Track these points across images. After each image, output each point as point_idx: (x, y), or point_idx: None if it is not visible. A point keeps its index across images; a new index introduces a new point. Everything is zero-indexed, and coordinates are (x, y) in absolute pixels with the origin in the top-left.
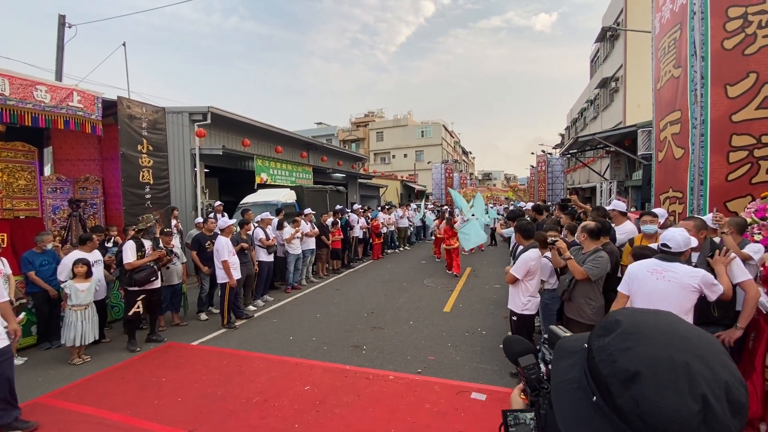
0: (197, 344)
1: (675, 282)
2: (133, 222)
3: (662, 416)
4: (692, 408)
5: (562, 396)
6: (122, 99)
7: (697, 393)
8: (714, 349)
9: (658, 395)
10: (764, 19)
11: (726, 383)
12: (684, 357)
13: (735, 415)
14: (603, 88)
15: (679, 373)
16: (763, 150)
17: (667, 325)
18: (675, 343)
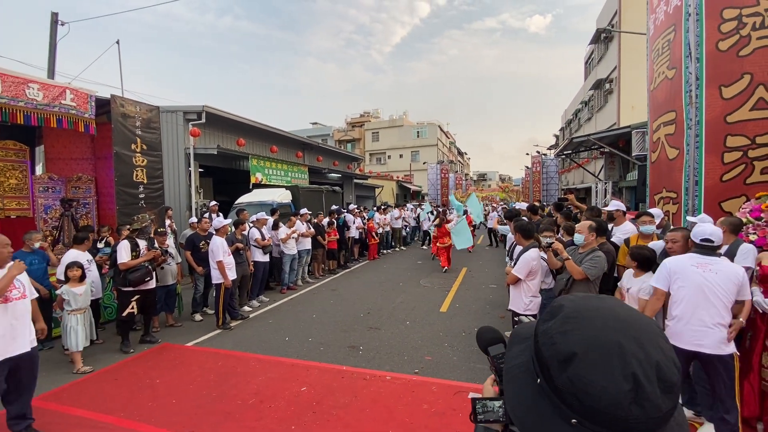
0: (192, 345)
1: (723, 274)
2: (127, 222)
3: (595, 395)
4: (623, 387)
5: (512, 380)
6: (116, 97)
7: (628, 372)
8: (650, 332)
9: (591, 375)
10: (758, 20)
11: (657, 363)
12: (618, 338)
13: (666, 394)
14: (597, 90)
15: (611, 353)
16: (757, 151)
17: (608, 309)
18: (612, 325)
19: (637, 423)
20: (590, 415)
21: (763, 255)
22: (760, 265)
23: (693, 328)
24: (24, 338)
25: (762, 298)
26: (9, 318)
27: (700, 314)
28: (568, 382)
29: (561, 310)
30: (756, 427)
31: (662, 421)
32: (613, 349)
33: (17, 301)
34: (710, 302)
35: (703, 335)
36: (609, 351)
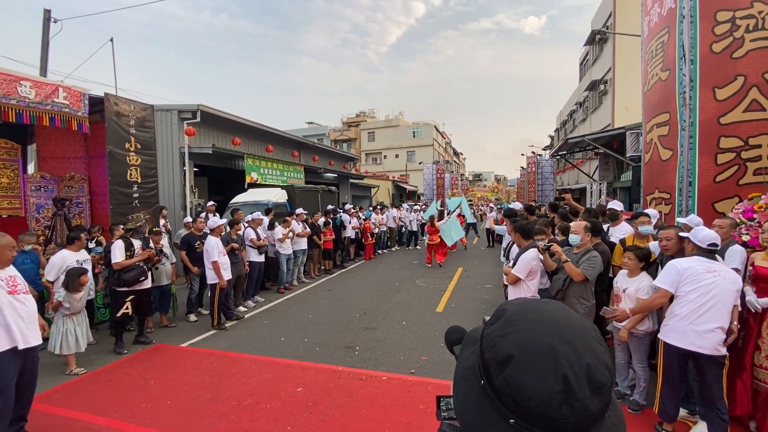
0: (186, 346)
1: (729, 281)
2: (121, 221)
3: (527, 395)
4: (553, 387)
5: (461, 381)
6: (109, 96)
7: (559, 374)
8: (585, 336)
9: (525, 376)
10: (752, 23)
11: (588, 365)
12: (552, 342)
13: (595, 394)
14: (592, 91)
15: (544, 356)
16: (750, 152)
17: (548, 314)
18: (548, 329)
19: (568, 422)
20: (525, 415)
21: (755, 255)
22: (753, 265)
23: (697, 330)
24: (37, 331)
25: (754, 298)
26: (25, 308)
27: (706, 318)
28: (504, 384)
29: (503, 314)
30: (748, 425)
31: (592, 421)
32: (546, 352)
33: (26, 295)
34: (716, 307)
35: (706, 338)
36: (542, 354)
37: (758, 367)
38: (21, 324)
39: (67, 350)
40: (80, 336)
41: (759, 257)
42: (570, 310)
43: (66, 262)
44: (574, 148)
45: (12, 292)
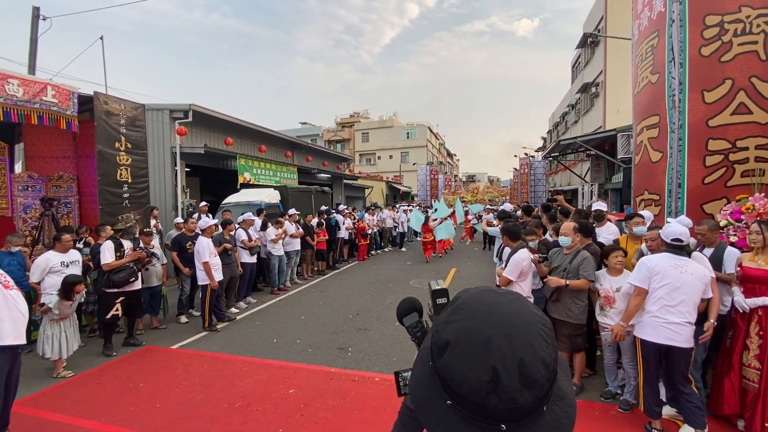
0: (177, 348)
1: (695, 275)
2: (111, 222)
3: (458, 381)
4: (482, 377)
5: (419, 360)
6: (99, 94)
7: (489, 365)
8: (529, 331)
9: (457, 363)
10: (740, 27)
11: (521, 359)
12: (490, 332)
13: (526, 388)
14: (584, 93)
15: (478, 346)
16: (737, 154)
17: (497, 305)
18: (491, 320)
19: (496, 412)
20: (457, 399)
21: (742, 256)
22: (740, 266)
23: (668, 325)
24: (23, 329)
25: (742, 299)
26: (12, 304)
27: (675, 312)
28: (441, 368)
29: (456, 301)
30: (737, 424)
31: (522, 414)
32: (480, 343)
33: (18, 292)
34: (684, 301)
35: (678, 332)
36: (476, 343)
37: (747, 367)
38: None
39: (50, 354)
40: (66, 340)
41: (746, 258)
42: (525, 304)
43: (50, 264)
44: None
45: (6, 287)
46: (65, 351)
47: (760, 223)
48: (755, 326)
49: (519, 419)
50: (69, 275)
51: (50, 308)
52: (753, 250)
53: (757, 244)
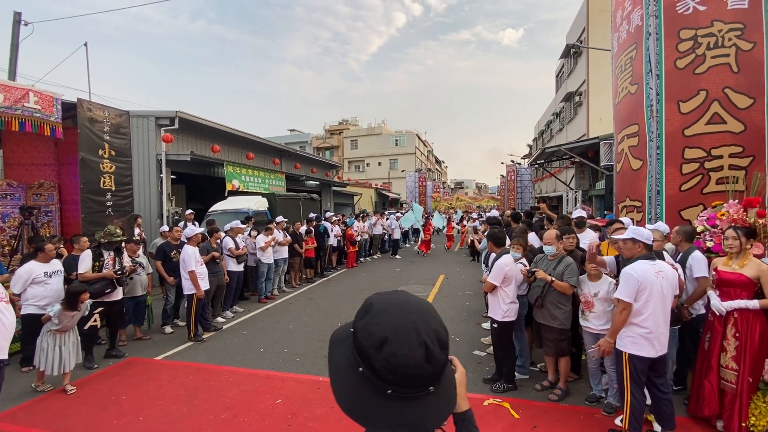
0: (161, 359)
1: (671, 279)
2: (90, 231)
3: (404, 363)
4: (419, 352)
5: (338, 374)
6: (82, 101)
7: (421, 341)
8: (430, 312)
9: (399, 349)
10: (712, 41)
11: (436, 331)
12: (413, 320)
13: (443, 350)
14: (568, 102)
15: (410, 331)
16: (713, 162)
17: (404, 301)
18: (408, 311)
19: (429, 376)
20: (402, 380)
21: (717, 260)
22: (716, 270)
23: (661, 335)
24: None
25: (719, 302)
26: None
27: (662, 322)
28: (384, 361)
29: (372, 307)
30: (716, 425)
31: (441, 373)
32: (411, 328)
33: (7, 304)
34: (667, 309)
35: (665, 339)
36: (408, 330)
37: (724, 368)
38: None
39: (44, 367)
40: (61, 355)
41: (721, 262)
42: (418, 297)
43: (33, 274)
44: (552, 157)
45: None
46: (57, 367)
47: (736, 229)
48: (731, 328)
49: (439, 377)
50: (74, 285)
51: (50, 317)
52: (728, 255)
53: (733, 249)
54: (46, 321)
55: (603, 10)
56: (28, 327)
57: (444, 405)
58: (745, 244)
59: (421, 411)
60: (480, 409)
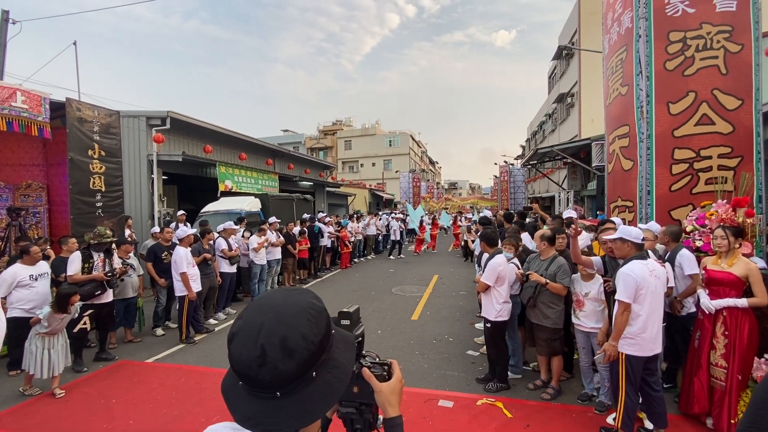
0: (152, 361)
1: (661, 279)
2: (79, 233)
3: (237, 361)
4: (253, 353)
5: None
6: (71, 101)
7: (258, 343)
8: (293, 314)
9: (237, 347)
10: (701, 43)
11: (284, 336)
12: (263, 319)
13: (287, 358)
14: (560, 103)
15: (252, 330)
16: (702, 163)
17: (273, 298)
18: (266, 309)
19: (268, 381)
20: (241, 377)
21: (707, 259)
22: (705, 269)
23: (656, 334)
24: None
25: (708, 300)
26: None
27: (658, 320)
28: (230, 356)
29: (251, 302)
30: (705, 422)
31: (288, 380)
32: (255, 329)
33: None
34: (660, 307)
35: (659, 338)
36: (251, 331)
37: (714, 366)
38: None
39: (33, 371)
40: (50, 359)
41: (710, 261)
42: (301, 296)
43: (17, 277)
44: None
45: None
46: (45, 370)
47: (724, 228)
48: (721, 326)
49: (288, 384)
50: (64, 287)
51: (39, 319)
52: (716, 254)
53: (722, 249)
54: (35, 324)
55: (594, 13)
56: (14, 330)
57: (293, 416)
58: (734, 243)
59: (268, 412)
60: (473, 408)
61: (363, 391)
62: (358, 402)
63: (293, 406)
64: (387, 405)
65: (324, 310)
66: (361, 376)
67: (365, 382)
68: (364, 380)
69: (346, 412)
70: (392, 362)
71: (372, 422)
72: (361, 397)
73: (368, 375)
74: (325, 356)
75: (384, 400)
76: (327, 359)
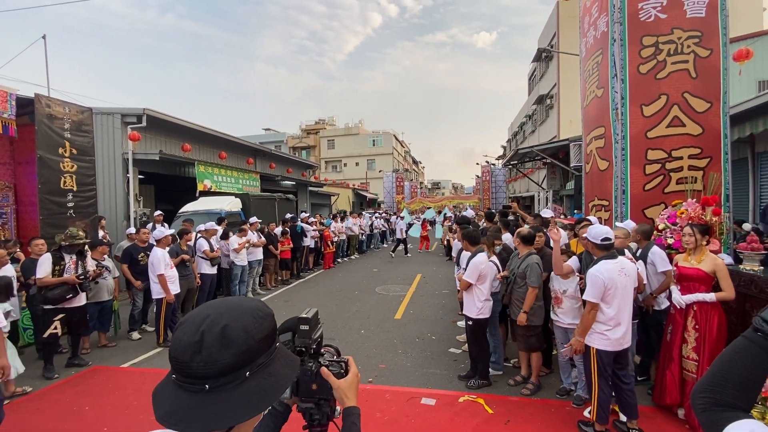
0: (128, 366)
1: (631, 276)
2: (51, 233)
3: (175, 347)
4: (191, 339)
5: None
6: (40, 97)
7: (199, 330)
8: (241, 311)
9: (179, 333)
10: (672, 47)
11: (225, 325)
12: (209, 312)
13: (225, 347)
14: (540, 105)
15: (195, 319)
16: (673, 163)
17: (228, 299)
18: (214, 305)
19: (198, 369)
20: (174, 364)
21: (678, 257)
22: (676, 266)
23: (626, 330)
24: None
25: (679, 296)
26: None
27: (627, 316)
28: (171, 343)
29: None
30: (677, 413)
31: (221, 372)
32: (200, 317)
33: None
34: (629, 304)
35: (629, 333)
36: (196, 318)
37: (686, 359)
38: None
39: None
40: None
41: (681, 258)
42: (250, 300)
43: None
44: (525, 158)
45: None
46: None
47: (692, 226)
48: (692, 320)
49: (219, 376)
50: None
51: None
52: (687, 251)
53: (689, 245)
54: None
55: (572, 16)
56: None
57: (217, 414)
58: (701, 240)
59: (192, 407)
60: (455, 405)
61: (322, 388)
62: (317, 397)
63: (219, 404)
64: (344, 399)
65: (271, 317)
66: (320, 374)
67: (323, 380)
68: (322, 378)
69: (305, 407)
70: (349, 359)
71: (330, 414)
72: (320, 393)
73: (326, 373)
74: (264, 360)
75: (341, 395)
76: (265, 364)
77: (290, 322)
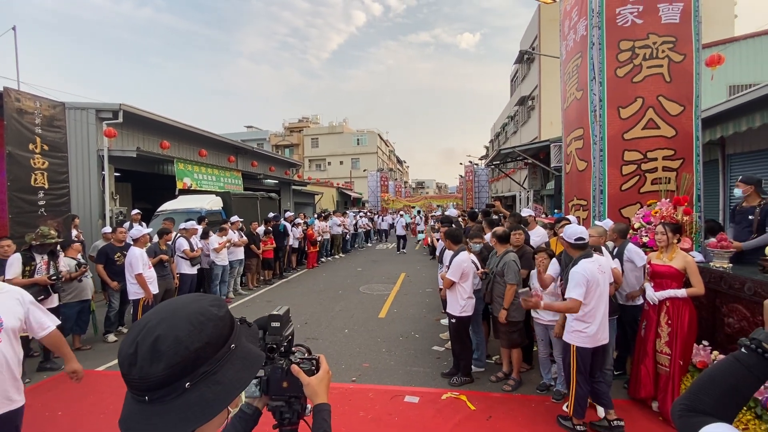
0: (103, 369)
1: (607, 273)
2: (21, 232)
3: (119, 354)
4: (129, 349)
5: None
6: (10, 90)
7: (135, 340)
8: (180, 317)
9: (122, 343)
10: (648, 52)
11: (158, 335)
12: (151, 318)
13: (155, 360)
14: (521, 106)
15: (136, 328)
16: (648, 164)
17: (174, 302)
18: (158, 311)
19: (134, 380)
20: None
21: (651, 254)
22: (650, 264)
23: (604, 327)
24: None
25: (653, 292)
26: None
27: (604, 312)
28: None
29: None
30: (651, 405)
31: (157, 385)
32: (139, 324)
33: None
34: (606, 300)
35: (606, 330)
36: (137, 325)
37: (659, 353)
38: None
39: None
40: None
41: (654, 256)
42: (197, 302)
43: None
44: (507, 158)
45: None
46: None
47: (664, 225)
48: (665, 316)
49: (155, 389)
50: None
51: None
52: (660, 249)
53: (662, 243)
54: None
55: (553, 20)
56: None
57: (161, 426)
58: (672, 238)
59: (139, 417)
60: (438, 402)
61: (292, 386)
62: (287, 395)
63: (157, 417)
64: (315, 396)
65: (219, 319)
66: (290, 371)
67: (294, 377)
68: (293, 375)
69: (275, 405)
70: (320, 357)
71: (300, 412)
72: (291, 391)
73: (297, 371)
74: (209, 368)
75: (312, 393)
76: (210, 372)
77: (261, 320)
